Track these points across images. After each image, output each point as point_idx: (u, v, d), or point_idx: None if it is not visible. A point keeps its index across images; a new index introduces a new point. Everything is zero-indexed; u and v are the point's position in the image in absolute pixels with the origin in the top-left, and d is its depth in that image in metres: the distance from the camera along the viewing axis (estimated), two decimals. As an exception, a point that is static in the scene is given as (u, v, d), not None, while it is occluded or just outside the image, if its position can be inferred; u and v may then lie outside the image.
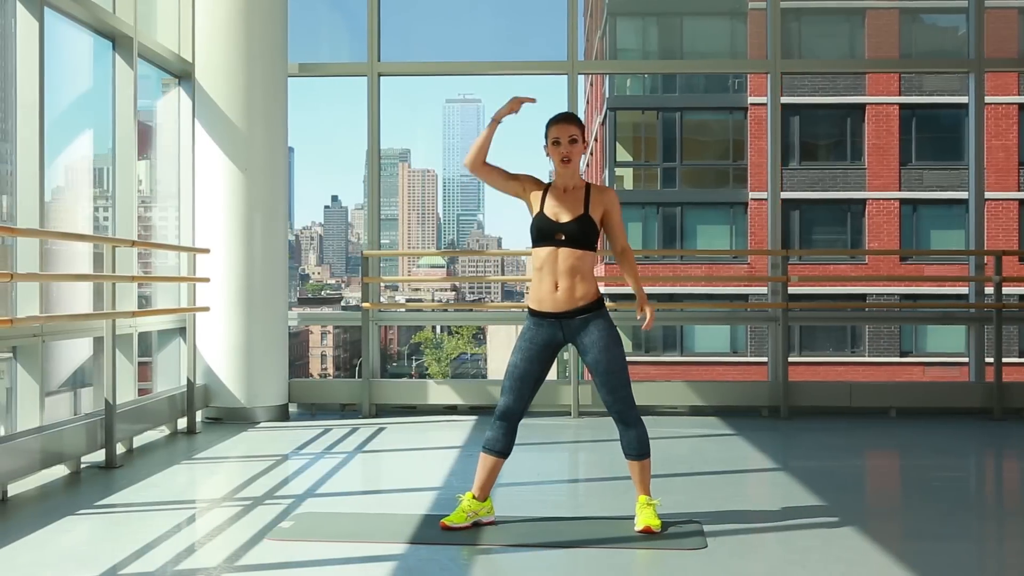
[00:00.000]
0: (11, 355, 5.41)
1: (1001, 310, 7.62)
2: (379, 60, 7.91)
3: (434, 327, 57.07)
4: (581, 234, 4.09)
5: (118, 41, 6.63)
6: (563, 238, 4.09)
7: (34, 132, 5.48)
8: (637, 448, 4.16)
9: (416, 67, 8.39)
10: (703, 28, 26.54)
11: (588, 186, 4.18)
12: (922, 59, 25.95)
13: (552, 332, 4.15)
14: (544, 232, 4.12)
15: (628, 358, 4.21)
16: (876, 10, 25.86)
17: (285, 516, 4.36)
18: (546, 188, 4.21)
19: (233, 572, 3.58)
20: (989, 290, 7.88)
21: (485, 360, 50.30)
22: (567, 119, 4.17)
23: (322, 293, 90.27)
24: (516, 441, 4.26)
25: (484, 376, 46.03)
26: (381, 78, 7.93)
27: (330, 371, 62.25)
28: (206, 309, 6.90)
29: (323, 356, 63.39)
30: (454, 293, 73.58)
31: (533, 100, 4.22)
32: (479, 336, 56.19)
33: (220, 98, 7.17)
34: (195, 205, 7.35)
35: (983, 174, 8.03)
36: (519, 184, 4.24)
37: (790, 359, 7.78)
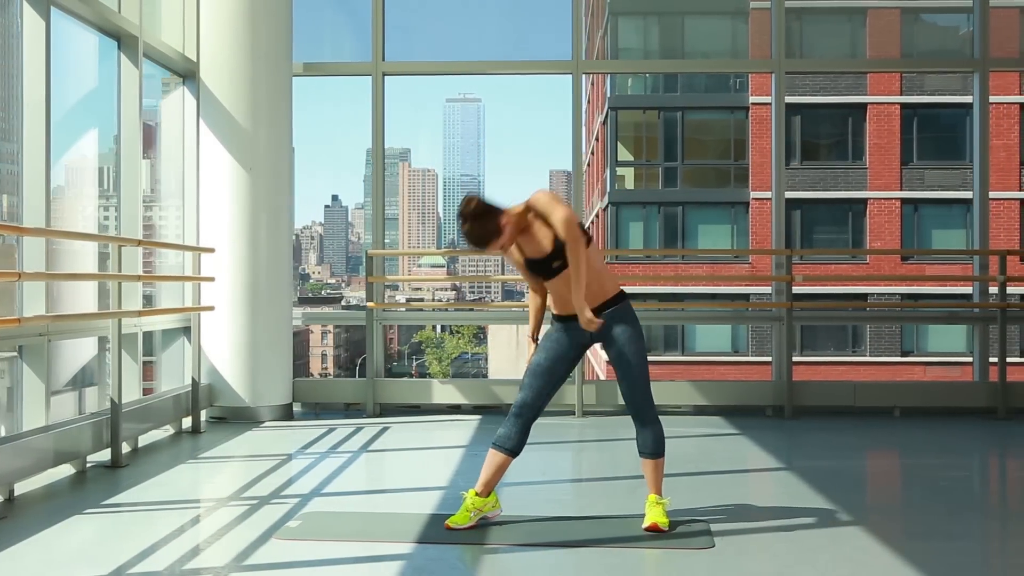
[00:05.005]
0: (15, 354, 5.41)
1: (1005, 310, 7.62)
2: (383, 60, 7.91)
3: (435, 326, 57.09)
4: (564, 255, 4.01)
5: (123, 41, 6.62)
6: (558, 265, 4.05)
7: (40, 131, 5.48)
8: (652, 446, 4.15)
9: (420, 66, 8.39)
10: (704, 28, 26.54)
11: (527, 208, 4.03)
12: (926, 59, 25.92)
13: (579, 333, 4.13)
14: (538, 268, 4.13)
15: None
16: (877, 9, 25.84)
17: (292, 516, 4.36)
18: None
19: (241, 571, 3.58)
20: (994, 290, 7.87)
21: (486, 359, 50.30)
22: (470, 242, 3.97)
23: (322, 292, 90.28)
24: None
25: (485, 375, 46.03)
26: (385, 78, 7.93)
27: (331, 370, 62.29)
28: (211, 308, 6.91)
29: (324, 355, 63.42)
30: (455, 292, 73.62)
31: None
32: (480, 335, 56.19)
33: (225, 97, 7.17)
34: (199, 204, 7.35)
35: (988, 174, 8.04)
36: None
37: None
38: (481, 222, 3.93)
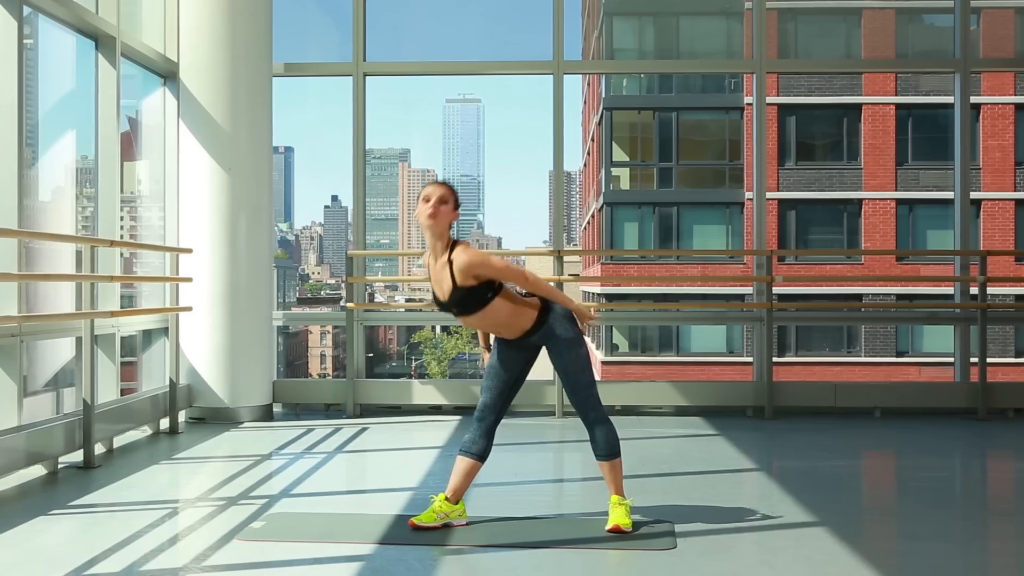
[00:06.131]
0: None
1: (985, 310, 7.62)
2: (364, 60, 7.90)
3: (434, 327, 57.06)
4: (465, 305, 4.02)
5: (101, 41, 6.62)
6: (455, 312, 4.06)
7: (12, 132, 5.47)
8: (605, 448, 4.15)
9: (402, 67, 8.38)
10: (699, 28, 26.55)
11: (452, 249, 3.98)
12: (910, 59, 25.92)
13: (523, 341, 4.18)
14: (441, 307, 4.08)
15: (624, 358, 4.22)
16: (873, 10, 25.84)
17: (258, 516, 4.35)
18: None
19: (200, 572, 3.57)
20: (976, 290, 7.86)
21: (483, 360, 50.28)
22: (440, 183, 4.03)
23: (321, 293, 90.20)
24: (499, 441, 4.26)
25: (482, 376, 45.96)
26: (367, 78, 7.93)
27: (329, 370, 62.28)
28: (188, 309, 6.90)
29: (322, 356, 63.40)
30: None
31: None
32: (477, 336, 56.08)
33: (204, 98, 7.16)
34: (180, 205, 7.34)
35: (968, 174, 8.03)
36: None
37: (784, 359, 7.79)
38: (452, 193, 4.01)
